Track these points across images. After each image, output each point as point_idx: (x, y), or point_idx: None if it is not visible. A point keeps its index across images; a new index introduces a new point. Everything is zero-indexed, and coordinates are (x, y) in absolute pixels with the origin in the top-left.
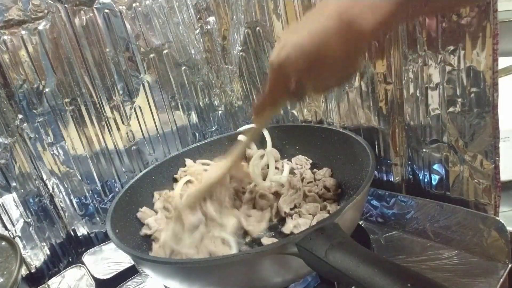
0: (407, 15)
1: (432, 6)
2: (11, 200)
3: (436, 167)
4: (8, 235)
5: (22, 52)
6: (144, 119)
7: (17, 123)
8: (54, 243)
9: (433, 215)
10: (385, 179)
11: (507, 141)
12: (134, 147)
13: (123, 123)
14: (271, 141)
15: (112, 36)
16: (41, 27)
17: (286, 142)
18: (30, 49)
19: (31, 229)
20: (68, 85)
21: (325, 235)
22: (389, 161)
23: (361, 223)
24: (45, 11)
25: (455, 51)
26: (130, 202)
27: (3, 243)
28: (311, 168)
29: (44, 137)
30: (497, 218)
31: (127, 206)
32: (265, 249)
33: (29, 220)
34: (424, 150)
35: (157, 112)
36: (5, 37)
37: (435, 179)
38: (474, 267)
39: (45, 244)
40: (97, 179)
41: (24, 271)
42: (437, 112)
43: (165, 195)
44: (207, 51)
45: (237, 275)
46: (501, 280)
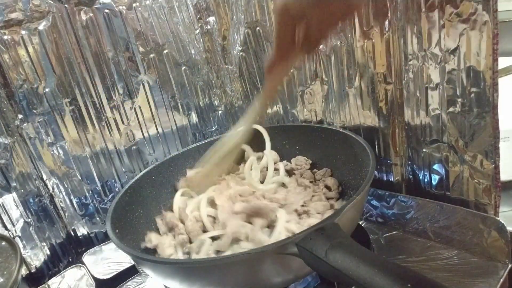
0: None
1: None
2: (11, 200)
3: (436, 167)
4: (8, 235)
5: (22, 52)
6: (144, 119)
7: (17, 123)
8: (54, 243)
9: (433, 215)
10: (385, 179)
11: (507, 141)
12: (134, 147)
13: (123, 123)
14: (270, 143)
15: (112, 36)
16: (41, 27)
17: (286, 142)
18: (30, 49)
19: (31, 229)
20: (68, 85)
21: (325, 235)
22: (389, 161)
23: (361, 223)
24: (45, 11)
25: (455, 51)
26: (130, 202)
27: (3, 243)
28: (310, 168)
29: (44, 137)
30: (497, 218)
31: (127, 206)
32: (265, 249)
33: (29, 220)
34: (424, 150)
35: (157, 112)
36: (5, 37)
37: (435, 179)
38: (474, 267)
39: (45, 244)
40: (97, 179)
41: (24, 271)
42: (437, 112)
43: (165, 216)
44: (207, 51)
45: (237, 275)
46: (501, 280)
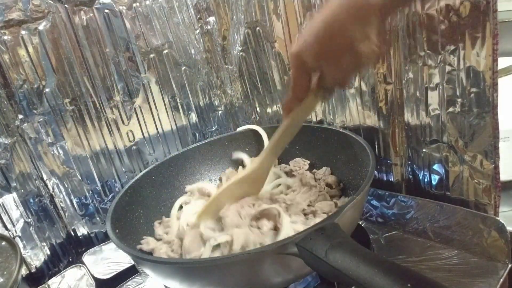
0: None
1: None
2: (11, 200)
3: (436, 167)
4: (8, 235)
5: (22, 52)
6: (144, 119)
7: (17, 123)
8: (54, 243)
9: (433, 215)
10: (385, 179)
11: (507, 141)
12: (134, 147)
13: (123, 123)
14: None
15: (112, 36)
16: (41, 27)
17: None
18: (30, 49)
19: (31, 229)
20: (68, 85)
21: (325, 235)
22: (389, 161)
23: (361, 223)
24: (45, 11)
25: (455, 51)
26: (130, 202)
27: (3, 243)
28: (309, 169)
29: (44, 137)
30: (497, 218)
31: (127, 206)
32: (265, 249)
33: (29, 220)
34: (424, 150)
35: (157, 112)
36: (5, 37)
37: (435, 179)
38: (474, 267)
39: (45, 244)
40: (97, 179)
41: (24, 271)
42: (437, 112)
43: (164, 222)
44: (207, 51)
45: (237, 275)
46: (501, 280)
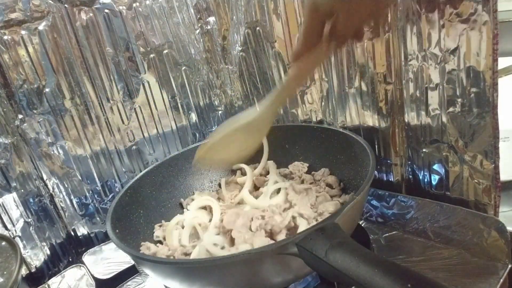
0: None
1: None
2: (11, 200)
3: (436, 167)
4: (8, 235)
5: (22, 52)
6: (144, 119)
7: (17, 123)
8: (54, 243)
9: (433, 215)
10: (385, 179)
11: (507, 141)
12: (134, 147)
13: (123, 123)
14: (268, 151)
15: (112, 36)
16: (41, 27)
17: (286, 142)
18: (30, 49)
19: (31, 229)
20: (68, 85)
21: (325, 235)
22: (389, 161)
23: (361, 223)
24: (45, 11)
25: (455, 51)
26: (130, 202)
27: (3, 243)
28: (309, 171)
29: (44, 137)
30: (497, 218)
31: (127, 206)
32: (265, 249)
33: (29, 220)
34: (424, 150)
35: (157, 112)
36: (5, 37)
37: (435, 179)
38: (474, 267)
39: (45, 244)
40: (97, 179)
41: (24, 271)
42: (437, 112)
43: (164, 226)
44: (207, 51)
45: (237, 275)
46: (501, 280)
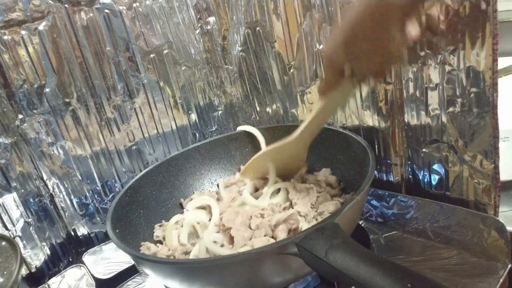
0: None
1: None
2: (11, 200)
3: (436, 167)
4: (8, 235)
5: (22, 52)
6: (144, 119)
7: (17, 123)
8: (54, 243)
9: (433, 215)
10: (385, 179)
11: (507, 141)
12: (134, 147)
13: (123, 123)
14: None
15: (112, 36)
16: (41, 27)
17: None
18: (30, 49)
19: (31, 229)
20: (68, 85)
21: (325, 235)
22: (389, 161)
23: (361, 223)
24: (45, 11)
25: (455, 51)
26: (130, 202)
27: (3, 243)
28: (309, 171)
29: (44, 137)
30: (497, 218)
31: (127, 206)
32: (265, 249)
33: (29, 220)
34: (424, 150)
35: (157, 112)
36: (5, 37)
37: (435, 179)
38: (474, 267)
39: (45, 244)
40: (97, 179)
41: (24, 271)
42: (437, 112)
43: (164, 226)
44: (207, 51)
45: (237, 275)
46: (501, 280)
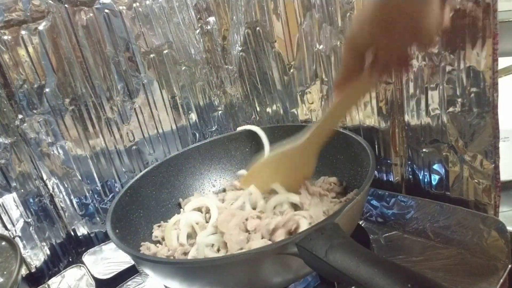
0: None
1: None
2: (11, 200)
3: (436, 167)
4: (8, 235)
5: (22, 52)
6: (144, 119)
7: (17, 123)
8: (54, 243)
9: (433, 215)
10: (385, 179)
11: (507, 141)
12: (134, 147)
13: (123, 123)
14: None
15: (112, 36)
16: (41, 27)
17: (286, 142)
18: (30, 49)
19: (31, 229)
20: (68, 85)
21: (325, 235)
22: (389, 161)
23: (361, 223)
24: (45, 11)
25: (455, 51)
26: (130, 202)
27: (3, 243)
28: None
29: (44, 137)
30: (497, 218)
31: (127, 206)
32: (265, 249)
33: (29, 220)
34: (424, 150)
35: (157, 112)
36: (5, 37)
37: (435, 179)
38: (474, 267)
39: (45, 244)
40: (97, 179)
41: (24, 271)
42: (437, 112)
43: (163, 226)
44: (207, 51)
45: (237, 275)
46: (501, 280)
